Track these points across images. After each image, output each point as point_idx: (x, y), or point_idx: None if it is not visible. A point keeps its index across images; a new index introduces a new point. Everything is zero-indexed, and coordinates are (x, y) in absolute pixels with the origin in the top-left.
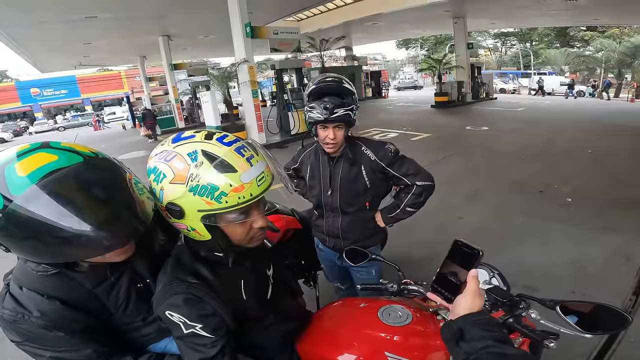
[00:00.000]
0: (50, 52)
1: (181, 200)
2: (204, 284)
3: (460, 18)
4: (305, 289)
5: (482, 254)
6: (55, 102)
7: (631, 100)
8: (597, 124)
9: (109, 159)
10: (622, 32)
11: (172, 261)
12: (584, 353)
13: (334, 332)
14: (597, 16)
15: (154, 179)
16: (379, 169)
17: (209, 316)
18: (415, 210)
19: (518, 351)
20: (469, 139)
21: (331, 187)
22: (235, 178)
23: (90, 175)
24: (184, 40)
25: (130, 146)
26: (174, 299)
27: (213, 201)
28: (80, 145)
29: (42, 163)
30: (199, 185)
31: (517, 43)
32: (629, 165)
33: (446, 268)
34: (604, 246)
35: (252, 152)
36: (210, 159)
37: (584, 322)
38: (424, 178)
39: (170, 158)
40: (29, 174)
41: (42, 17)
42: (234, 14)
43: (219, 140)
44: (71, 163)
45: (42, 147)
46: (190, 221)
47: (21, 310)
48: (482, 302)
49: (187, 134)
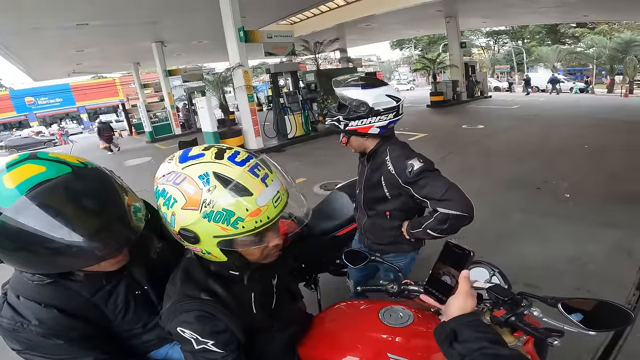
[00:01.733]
0: (43, 59)
1: (195, 226)
2: (217, 300)
3: (452, 17)
4: (306, 292)
5: (473, 255)
6: (50, 111)
7: (625, 95)
8: (592, 120)
9: (98, 169)
10: (612, 28)
11: (181, 275)
12: (590, 350)
13: (335, 335)
14: (586, 13)
15: (164, 202)
16: (397, 184)
17: (221, 332)
18: (440, 236)
19: (512, 352)
20: (465, 137)
21: (360, 186)
22: (252, 201)
23: (78, 186)
24: (178, 45)
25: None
26: (186, 316)
27: (229, 227)
28: (69, 155)
29: (30, 174)
30: (214, 211)
31: (509, 41)
32: (625, 160)
33: (438, 270)
34: (604, 242)
35: (266, 170)
36: (224, 182)
37: (587, 320)
38: (452, 206)
39: (180, 181)
40: (18, 185)
41: (33, 24)
42: (227, 19)
43: (231, 159)
44: (59, 174)
45: (30, 158)
46: (205, 246)
47: (19, 319)
48: (474, 302)
49: (195, 151)
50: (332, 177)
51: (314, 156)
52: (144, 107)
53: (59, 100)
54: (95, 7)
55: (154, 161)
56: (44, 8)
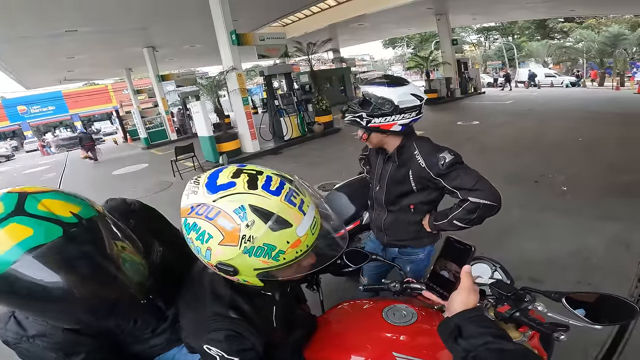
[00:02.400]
0: (34, 67)
1: (234, 261)
2: (244, 318)
3: (442, 15)
4: (308, 294)
5: (474, 250)
6: (43, 120)
7: (616, 88)
8: (585, 113)
9: (92, 225)
10: (600, 23)
11: (209, 290)
12: (597, 344)
13: (340, 335)
14: (573, 7)
15: (197, 237)
16: (427, 177)
17: (247, 350)
18: (466, 227)
19: (517, 346)
20: (460, 134)
21: (379, 183)
22: (292, 234)
23: (71, 252)
24: (170, 50)
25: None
26: (216, 335)
27: (270, 260)
28: (62, 202)
29: (17, 240)
30: (254, 246)
31: (499, 37)
32: (619, 152)
33: (440, 265)
34: (603, 235)
35: (301, 197)
36: (264, 217)
37: (592, 314)
38: (482, 195)
39: (214, 216)
40: (4, 254)
41: (22, 32)
42: (219, 22)
43: (265, 188)
44: (49, 239)
45: (15, 214)
46: (244, 277)
47: (24, 333)
48: (477, 298)
49: (223, 179)
50: (329, 178)
51: (310, 157)
52: (138, 113)
53: (52, 109)
54: (83, 13)
55: (150, 167)
56: (32, 15)
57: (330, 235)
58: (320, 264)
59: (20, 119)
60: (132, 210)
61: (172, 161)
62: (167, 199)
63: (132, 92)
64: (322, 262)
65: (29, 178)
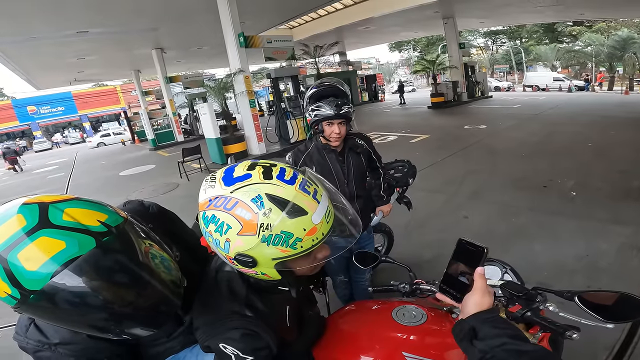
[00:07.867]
0: (44, 68)
1: (253, 251)
2: (259, 316)
3: (449, 18)
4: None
5: (487, 251)
6: (53, 120)
7: (625, 92)
8: (594, 117)
9: (122, 230)
10: (609, 26)
11: (225, 289)
12: (606, 346)
13: (350, 335)
14: (582, 11)
15: (215, 229)
16: (367, 154)
17: (262, 349)
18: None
19: (535, 347)
20: (468, 138)
21: (346, 178)
22: (308, 221)
23: (108, 262)
24: (178, 52)
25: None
26: (232, 334)
27: (288, 249)
28: (86, 211)
29: (50, 254)
30: (272, 234)
31: (507, 41)
32: (629, 157)
33: (453, 268)
34: (614, 239)
35: (314, 186)
36: (280, 205)
37: (604, 313)
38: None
39: (232, 206)
40: (40, 267)
41: (33, 32)
42: (227, 25)
43: (280, 178)
44: (83, 251)
45: (41, 226)
46: (262, 268)
47: (46, 340)
48: (491, 299)
49: (239, 172)
50: None
51: None
52: (145, 114)
53: (61, 109)
54: (95, 14)
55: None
56: (45, 16)
57: (344, 224)
58: (336, 253)
59: (30, 119)
60: (150, 213)
61: (179, 162)
62: (174, 200)
63: (140, 93)
64: (337, 251)
65: (33, 178)
